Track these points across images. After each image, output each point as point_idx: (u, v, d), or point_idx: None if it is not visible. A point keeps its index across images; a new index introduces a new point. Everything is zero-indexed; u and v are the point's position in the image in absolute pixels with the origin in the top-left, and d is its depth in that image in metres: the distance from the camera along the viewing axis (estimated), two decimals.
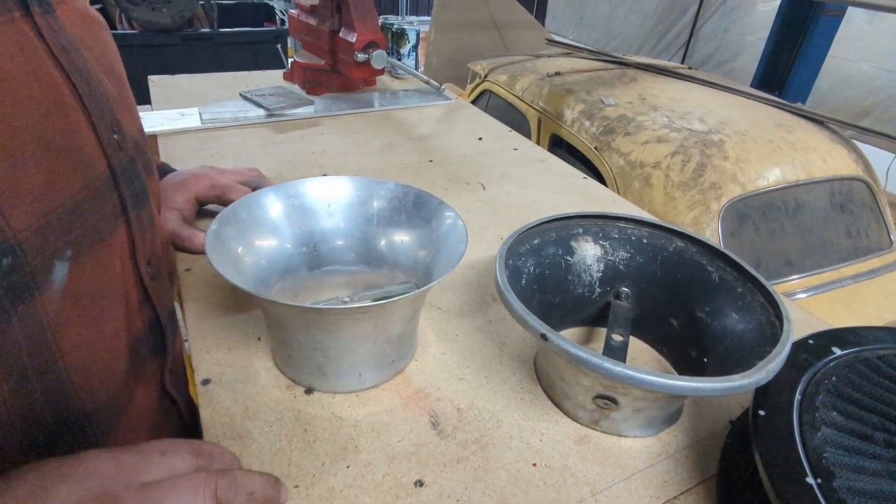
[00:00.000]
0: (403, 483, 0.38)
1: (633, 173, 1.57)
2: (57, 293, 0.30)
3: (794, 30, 3.32)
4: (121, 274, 0.37)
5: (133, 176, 0.38)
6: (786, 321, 0.38)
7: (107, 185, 0.35)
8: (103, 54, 0.39)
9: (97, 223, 0.34)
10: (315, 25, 1.10)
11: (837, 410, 0.35)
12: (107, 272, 0.35)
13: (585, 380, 0.39)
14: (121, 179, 0.36)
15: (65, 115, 0.31)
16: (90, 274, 0.33)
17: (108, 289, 0.35)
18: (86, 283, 0.33)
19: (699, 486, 0.39)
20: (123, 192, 0.36)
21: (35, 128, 0.29)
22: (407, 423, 0.42)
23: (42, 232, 0.29)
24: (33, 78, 0.29)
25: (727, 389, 0.33)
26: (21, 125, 0.28)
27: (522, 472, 0.39)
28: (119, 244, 0.36)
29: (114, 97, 0.37)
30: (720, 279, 0.46)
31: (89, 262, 0.33)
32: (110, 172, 0.35)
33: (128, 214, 0.37)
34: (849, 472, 0.31)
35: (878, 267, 1.60)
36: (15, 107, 0.28)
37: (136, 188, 0.39)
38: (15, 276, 0.27)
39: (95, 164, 0.34)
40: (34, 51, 0.30)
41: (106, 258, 0.35)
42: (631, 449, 0.41)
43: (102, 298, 0.35)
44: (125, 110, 0.40)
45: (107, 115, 0.35)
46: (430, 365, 0.48)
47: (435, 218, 0.50)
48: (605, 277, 0.51)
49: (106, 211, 0.35)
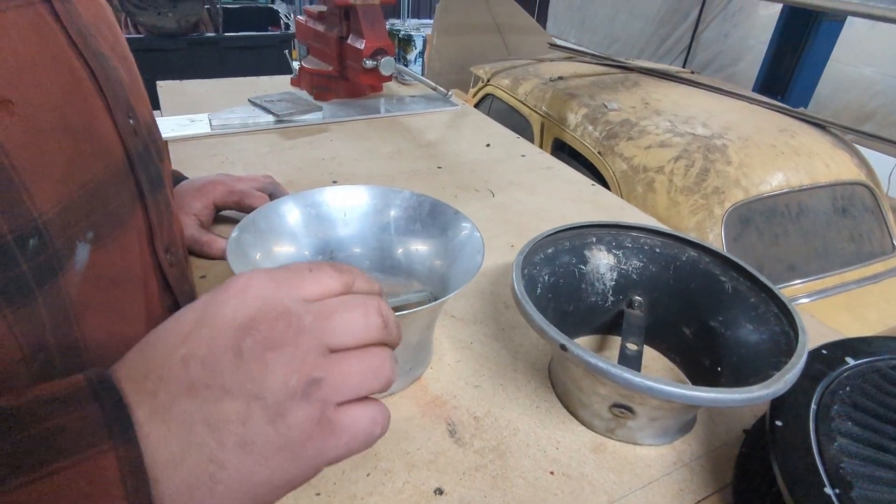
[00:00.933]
0: (423, 491, 0.38)
1: (636, 178, 1.57)
2: (79, 275, 0.30)
3: (795, 34, 3.33)
4: (140, 259, 0.37)
5: (148, 161, 0.39)
6: (801, 332, 0.39)
7: (124, 170, 0.35)
8: (116, 42, 0.39)
9: (117, 207, 0.34)
10: (323, 31, 1.11)
11: (853, 420, 0.36)
12: (127, 256, 0.35)
13: (602, 389, 0.40)
14: (137, 164, 0.36)
15: (84, 99, 0.31)
16: (111, 257, 0.33)
17: (129, 273, 0.36)
18: (107, 266, 0.33)
19: (715, 496, 0.39)
20: (140, 176, 0.37)
21: (56, 110, 0.29)
22: (425, 431, 0.43)
23: (65, 213, 0.29)
24: (52, 62, 0.29)
25: (746, 401, 0.34)
26: (43, 107, 0.28)
27: (540, 480, 0.39)
28: (138, 229, 0.37)
29: (127, 83, 0.38)
30: (733, 289, 0.47)
31: (111, 246, 0.33)
32: (126, 157, 0.36)
33: (145, 199, 0.38)
34: (866, 482, 0.32)
35: (881, 272, 1.60)
36: (36, 89, 0.28)
37: (152, 173, 0.39)
38: (41, 257, 0.27)
39: (112, 149, 0.34)
40: (53, 35, 0.30)
41: (126, 242, 0.35)
42: (647, 457, 0.42)
43: (123, 282, 0.35)
44: (138, 97, 0.40)
45: (122, 100, 0.36)
46: (446, 373, 0.48)
47: (451, 228, 0.51)
48: (619, 286, 0.52)
49: (124, 195, 0.35)
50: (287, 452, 0.24)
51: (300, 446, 0.24)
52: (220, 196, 0.64)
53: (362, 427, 0.25)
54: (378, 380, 0.26)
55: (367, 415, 0.26)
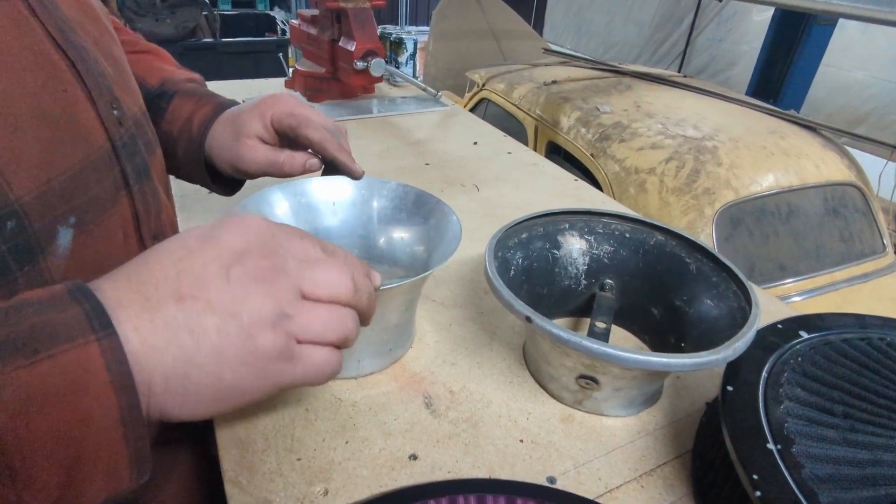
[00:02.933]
0: (398, 456, 0.40)
1: (628, 179, 1.60)
2: (62, 258, 0.33)
3: (787, 39, 3.37)
4: (125, 246, 0.39)
5: (134, 151, 0.40)
6: (754, 305, 0.41)
7: (107, 158, 0.37)
8: (101, 38, 0.41)
9: (99, 193, 0.36)
10: (316, 35, 1.14)
11: (801, 387, 0.38)
12: (111, 242, 0.37)
13: (568, 361, 0.42)
14: (122, 153, 0.38)
15: (63, 90, 0.33)
16: (95, 243, 0.35)
17: (114, 259, 0.37)
18: (91, 251, 0.35)
19: (675, 461, 0.41)
20: (125, 165, 0.39)
21: (32, 99, 0.31)
22: (402, 404, 0.45)
23: (44, 198, 0.31)
24: (30, 53, 0.32)
25: (696, 365, 0.36)
26: (18, 96, 0.30)
27: (510, 447, 0.42)
28: (122, 216, 0.39)
29: (111, 76, 0.39)
30: (697, 270, 0.49)
31: (95, 231, 0.35)
32: (111, 146, 0.37)
33: (130, 188, 0.39)
34: (807, 439, 0.34)
35: (871, 271, 1.62)
36: (12, 79, 0.30)
37: (138, 163, 0.41)
38: (20, 239, 0.30)
39: (94, 138, 0.36)
40: (30, 28, 0.32)
41: (110, 229, 0.37)
42: (612, 427, 0.44)
43: (108, 268, 0.37)
44: (125, 90, 0.42)
45: (105, 92, 0.37)
46: (426, 352, 0.51)
47: (433, 215, 0.53)
48: (591, 270, 0.54)
49: (107, 183, 0.37)
50: (252, 367, 0.27)
51: (263, 364, 0.28)
52: (279, 115, 0.53)
53: (316, 362, 0.29)
54: (337, 332, 0.30)
55: (322, 355, 0.30)
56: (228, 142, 0.54)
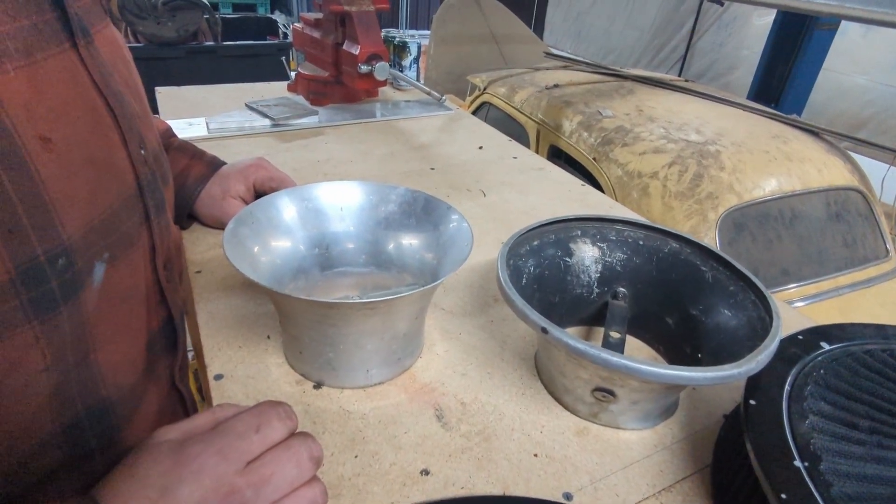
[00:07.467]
0: (410, 472, 0.39)
1: (630, 183, 1.59)
2: (95, 292, 0.34)
3: (788, 43, 3.36)
4: (144, 276, 0.40)
5: (154, 187, 0.42)
6: (775, 317, 0.40)
7: (135, 196, 0.39)
8: (130, 77, 0.42)
9: (129, 229, 0.37)
10: (319, 38, 1.13)
11: (825, 400, 0.37)
12: (134, 274, 0.39)
13: (584, 373, 0.41)
14: (146, 190, 0.40)
15: (105, 135, 0.35)
16: (121, 275, 0.37)
17: (135, 289, 0.39)
18: (118, 283, 0.36)
19: (694, 476, 0.40)
20: (147, 201, 0.40)
21: (84, 146, 0.33)
22: (413, 416, 0.44)
23: (87, 236, 0.33)
24: (81, 101, 0.33)
25: (718, 379, 0.35)
26: (73, 144, 0.32)
27: (524, 462, 0.41)
28: (143, 249, 0.40)
29: (139, 116, 0.41)
30: (713, 278, 0.48)
31: (122, 265, 0.37)
32: (137, 184, 0.39)
33: (150, 222, 0.41)
34: (834, 456, 0.33)
35: (874, 276, 1.61)
36: (68, 128, 0.32)
37: (158, 198, 0.42)
38: (68, 275, 0.31)
39: (126, 177, 0.38)
40: (81, 78, 0.34)
41: (134, 261, 0.39)
42: (629, 441, 0.43)
43: (130, 298, 0.39)
44: (147, 126, 0.43)
45: (135, 133, 0.39)
46: (435, 362, 0.50)
47: (442, 222, 0.52)
48: (603, 278, 0.53)
49: (134, 219, 0.39)
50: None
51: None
52: (261, 180, 0.67)
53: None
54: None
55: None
56: (217, 199, 0.65)
